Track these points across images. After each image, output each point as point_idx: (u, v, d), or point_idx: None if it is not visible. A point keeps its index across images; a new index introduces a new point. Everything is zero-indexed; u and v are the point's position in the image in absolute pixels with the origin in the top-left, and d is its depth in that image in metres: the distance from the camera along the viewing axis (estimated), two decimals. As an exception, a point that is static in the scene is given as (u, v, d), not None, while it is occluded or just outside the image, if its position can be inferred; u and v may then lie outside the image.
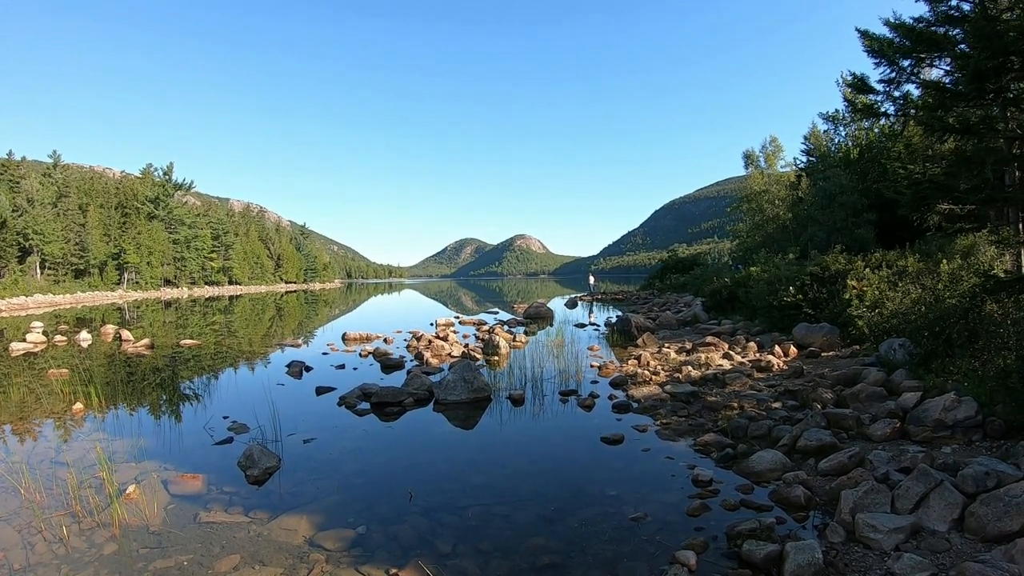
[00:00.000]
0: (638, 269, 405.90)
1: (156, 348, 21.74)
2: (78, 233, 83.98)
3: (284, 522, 6.30)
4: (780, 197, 41.78)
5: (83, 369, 16.16)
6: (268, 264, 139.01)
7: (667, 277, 56.75)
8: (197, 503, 6.93)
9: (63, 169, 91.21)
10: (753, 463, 7.45)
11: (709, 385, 12.18)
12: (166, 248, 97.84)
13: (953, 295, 12.13)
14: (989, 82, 11.29)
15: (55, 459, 8.64)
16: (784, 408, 10.04)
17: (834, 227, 28.37)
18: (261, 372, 16.58)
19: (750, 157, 47.97)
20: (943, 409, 7.81)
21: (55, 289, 75.27)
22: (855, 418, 8.63)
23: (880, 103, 15.19)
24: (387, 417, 10.97)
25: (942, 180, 13.39)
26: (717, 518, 6.15)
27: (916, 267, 16.50)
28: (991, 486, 5.47)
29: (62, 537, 5.99)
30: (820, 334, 15.48)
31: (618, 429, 9.59)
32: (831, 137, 40.74)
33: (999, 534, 4.91)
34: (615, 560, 5.36)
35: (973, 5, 12.63)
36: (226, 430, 10.11)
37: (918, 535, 5.19)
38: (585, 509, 6.52)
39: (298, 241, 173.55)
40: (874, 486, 5.81)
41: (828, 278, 18.04)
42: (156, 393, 13.93)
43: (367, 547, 5.74)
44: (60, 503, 6.88)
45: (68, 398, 12.46)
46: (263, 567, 5.36)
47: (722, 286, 28.04)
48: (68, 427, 10.64)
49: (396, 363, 16.74)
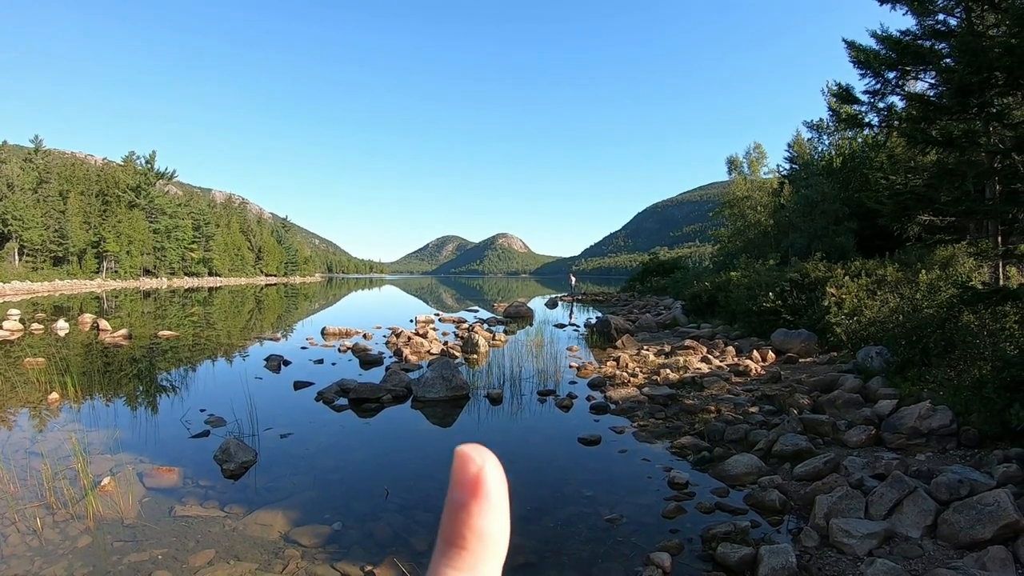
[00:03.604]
0: (619, 271, 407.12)
1: (134, 339, 21.54)
2: (58, 220, 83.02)
3: (260, 517, 6.26)
4: (762, 203, 41.94)
5: (60, 358, 15.98)
6: (249, 256, 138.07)
7: (648, 280, 56.87)
8: (172, 496, 6.87)
9: (44, 155, 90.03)
10: (729, 467, 7.49)
11: (687, 388, 12.23)
12: (146, 237, 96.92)
13: (931, 305, 12.25)
14: (973, 96, 11.42)
15: (30, 449, 8.53)
16: (761, 413, 10.10)
17: (815, 234, 28.54)
18: (239, 365, 16.46)
19: (734, 163, 48.16)
20: (918, 417, 7.90)
21: (33, 276, 74.36)
22: (831, 424, 8.70)
23: (864, 113, 15.33)
24: (365, 413, 10.93)
25: (923, 192, 13.54)
26: (692, 521, 6.17)
27: (895, 276, 16.64)
28: (964, 494, 5.53)
29: (36, 529, 5.91)
30: (798, 340, 15.58)
31: (595, 430, 9.61)
32: (815, 145, 40.96)
33: (971, 541, 4.97)
34: (590, 561, 5.37)
35: (960, 20, 12.77)
36: (203, 423, 10.03)
37: (891, 541, 5.24)
38: (561, 509, 6.53)
39: (279, 234, 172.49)
40: (848, 492, 5.86)
41: (808, 285, 18.17)
42: (133, 384, 13.79)
43: (343, 544, 5.72)
44: (34, 494, 6.79)
45: (44, 387, 12.31)
46: (238, 562, 5.33)
47: (702, 290, 28.14)
48: (43, 417, 10.51)
49: (375, 359, 16.67)
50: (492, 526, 0.44)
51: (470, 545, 0.43)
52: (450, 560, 0.43)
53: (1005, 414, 7.14)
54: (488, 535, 0.44)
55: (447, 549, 0.44)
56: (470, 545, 0.43)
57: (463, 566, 0.43)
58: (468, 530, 0.43)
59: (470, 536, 0.43)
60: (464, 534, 0.43)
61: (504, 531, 0.45)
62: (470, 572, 0.43)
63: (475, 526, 0.43)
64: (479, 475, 0.44)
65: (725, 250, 45.08)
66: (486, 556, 0.43)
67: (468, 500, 0.44)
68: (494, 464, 0.45)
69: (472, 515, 0.43)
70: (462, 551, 0.43)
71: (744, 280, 22.81)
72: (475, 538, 0.43)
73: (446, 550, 0.44)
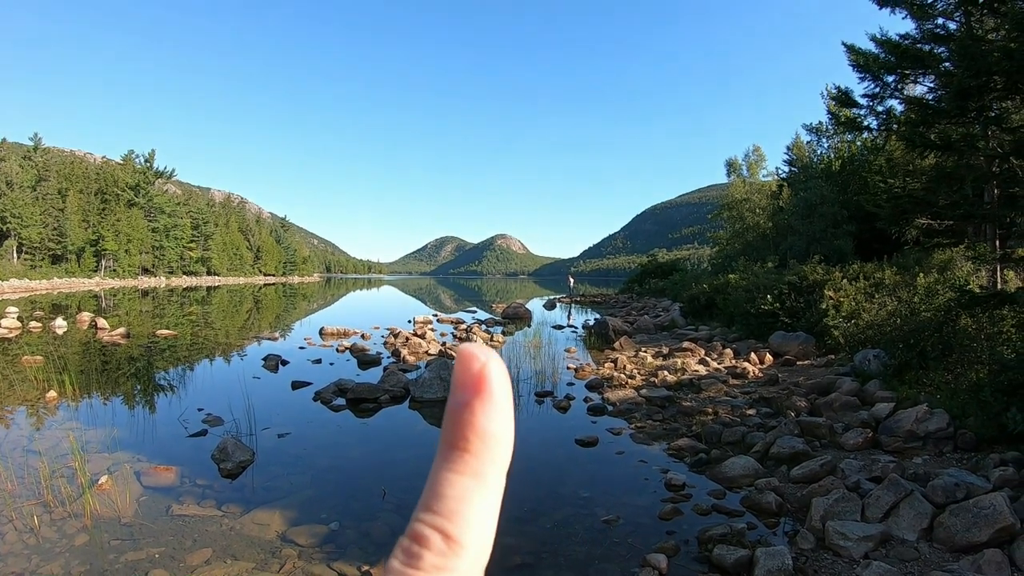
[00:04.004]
0: (618, 272, 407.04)
1: (132, 337, 21.51)
2: (56, 218, 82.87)
3: (257, 516, 6.26)
4: (761, 206, 41.95)
5: (58, 356, 15.96)
6: (247, 256, 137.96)
7: (646, 281, 56.85)
8: (170, 495, 6.87)
9: (43, 152, 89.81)
10: (726, 469, 7.49)
11: (685, 390, 12.24)
12: (145, 236, 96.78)
13: (928, 309, 12.27)
14: (972, 100, 11.44)
15: (27, 447, 8.51)
16: (758, 415, 10.11)
17: (813, 237, 28.55)
18: (237, 365, 16.45)
19: (733, 165, 48.17)
20: (915, 420, 7.91)
21: (31, 274, 74.19)
22: (828, 427, 8.71)
23: (863, 117, 15.35)
24: (362, 413, 10.93)
25: (922, 195, 13.56)
26: (689, 522, 6.18)
27: (893, 280, 16.66)
28: (960, 497, 5.54)
29: (33, 527, 5.91)
30: (796, 343, 15.59)
31: (593, 431, 9.62)
32: (814, 148, 40.99)
33: (968, 544, 4.98)
34: (587, 562, 5.38)
35: (959, 24, 12.79)
36: (200, 422, 10.02)
37: (887, 544, 5.25)
38: (558, 510, 6.53)
39: (278, 234, 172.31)
40: (845, 494, 5.86)
41: (806, 288, 18.18)
42: (131, 383, 13.78)
43: (340, 543, 5.72)
44: (32, 492, 6.78)
45: (42, 386, 12.29)
46: (235, 561, 5.33)
47: (700, 292, 28.14)
48: (41, 415, 10.51)
49: (373, 359, 16.66)
50: (496, 426, 0.42)
51: (473, 447, 0.41)
52: (452, 463, 0.41)
53: (1002, 417, 7.16)
54: (492, 436, 0.41)
55: (449, 453, 0.42)
56: (473, 447, 0.41)
57: (467, 469, 0.41)
58: (471, 431, 0.41)
59: (473, 437, 0.41)
60: (467, 435, 0.41)
61: (509, 433, 0.43)
62: (474, 476, 0.41)
63: (479, 426, 0.41)
64: (482, 373, 0.42)
65: (723, 252, 45.08)
66: (490, 459, 0.41)
67: (471, 399, 0.41)
68: (497, 362, 0.43)
69: (475, 415, 0.41)
70: (465, 453, 0.41)
71: (742, 283, 22.81)
72: (479, 439, 0.41)
73: (448, 454, 0.42)
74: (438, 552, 0.39)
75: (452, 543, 0.39)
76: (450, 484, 0.41)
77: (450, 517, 0.40)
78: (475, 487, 0.41)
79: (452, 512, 0.40)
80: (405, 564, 0.39)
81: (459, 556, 0.39)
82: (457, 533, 0.39)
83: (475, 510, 0.40)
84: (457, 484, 0.41)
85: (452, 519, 0.40)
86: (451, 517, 0.40)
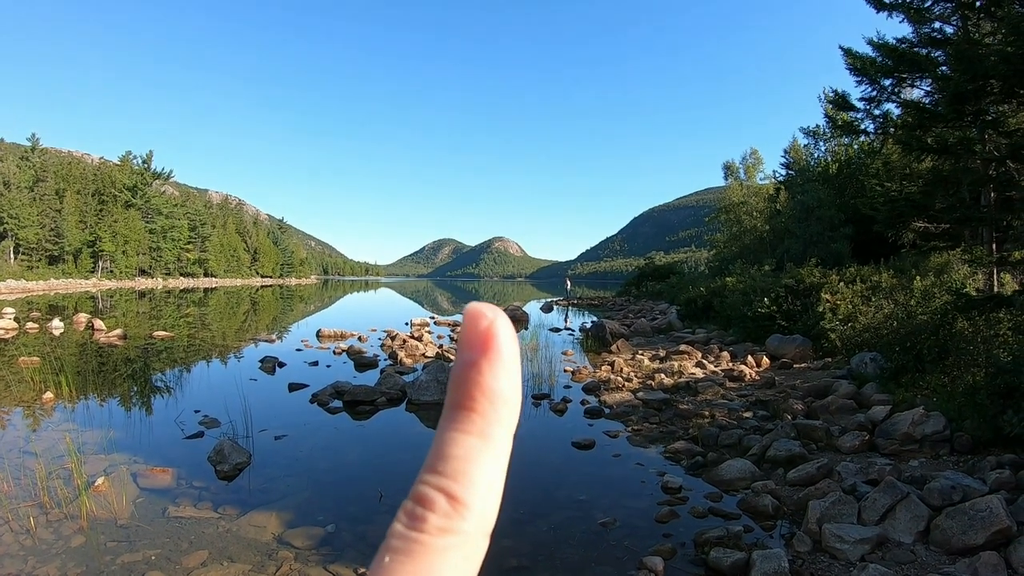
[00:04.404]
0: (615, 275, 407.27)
1: (129, 339, 21.48)
2: (54, 219, 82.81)
3: (253, 519, 6.25)
4: (758, 209, 42.01)
5: (54, 357, 15.93)
6: (244, 257, 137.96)
7: (643, 284, 56.92)
8: (166, 497, 6.85)
9: (41, 153, 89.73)
10: (722, 471, 7.49)
11: (681, 393, 12.24)
12: (142, 237, 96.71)
13: (925, 312, 12.29)
14: (968, 104, 11.47)
15: (24, 448, 8.50)
16: (755, 418, 10.11)
17: (810, 240, 28.61)
18: (234, 366, 16.43)
19: (730, 168, 48.25)
20: (912, 423, 7.92)
21: (28, 275, 74.15)
22: (825, 430, 8.71)
23: (860, 120, 15.39)
24: (359, 416, 10.92)
25: (918, 198, 13.57)
26: (686, 525, 6.18)
27: (890, 283, 16.69)
28: (957, 500, 5.55)
29: (29, 528, 5.89)
30: (793, 346, 15.60)
31: (590, 434, 9.61)
32: (811, 151, 41.10)
33: (964, 547, 4.98)
34: (583, 564, 5.37)
35: (956, 28, 12.82)
36: (197, 424, 10.01)
37: (884, 546, 5.25)
38: (555, 513, 6.53)
39: (275, 235, 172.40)
40: (841, 497, 5.87)
41: (803, 291, 18.19)
42: (127, 384, 13.76)
43: (336, 546, 5.72)
44: (28, 493, 6.76)
45: (38, 387, 12.26)
46: (231, 563, 5.32)
47: (698, 295, 28.17)
48: (38, 416, 10.49)
49: (370, 362, 16.65)
50: (504, 385, 0.40)
51: (480, 407, 0.40)
52: (458, 423, 0.40)
53: (998, 420, 7.17)
54: (500, 395, 0.40)
55: (455, 413, 0.40)
56: (480, 407, 0.40)
57: (473, 429, 0.39)
58: (478, 390, 0.40)
59: (480, 397, 0.40)
60: (474, 394, 0.40)
61: (517, 393, 0.41)
62: (481, 436, 0.39)
63: (485, 385, 0.40)
64: (489, 331, 0.41)
65: (721, 255, 45.17)
66: (497, 419, 0.40)
67: (478, 358, 0.40)
68: (505, 321, 0.42)
69: (482, 373, 0.40)
70: (472, 413, 0.40)
71: (739, 285, 22.85)
72: (486, 399, 0.40)
73: (454, 414, 0.40)
74: (443, 514, 0.37)
75: (457, 504, 0.38)
76: (456, 444, 0.39)
77: (455, 478, 0.38)
78: (482, 447, 0.39)
79: (458, 473, 0.39)
80: (408, 527, 0.38)
81: (464, 518, 0.38)
82: (463, 494, 0.38)
83: (482, 471, 0.39)
84: (463, 444, 0.39)
85: (458, 480, 0.38)
86: (456, 478, 0.38)
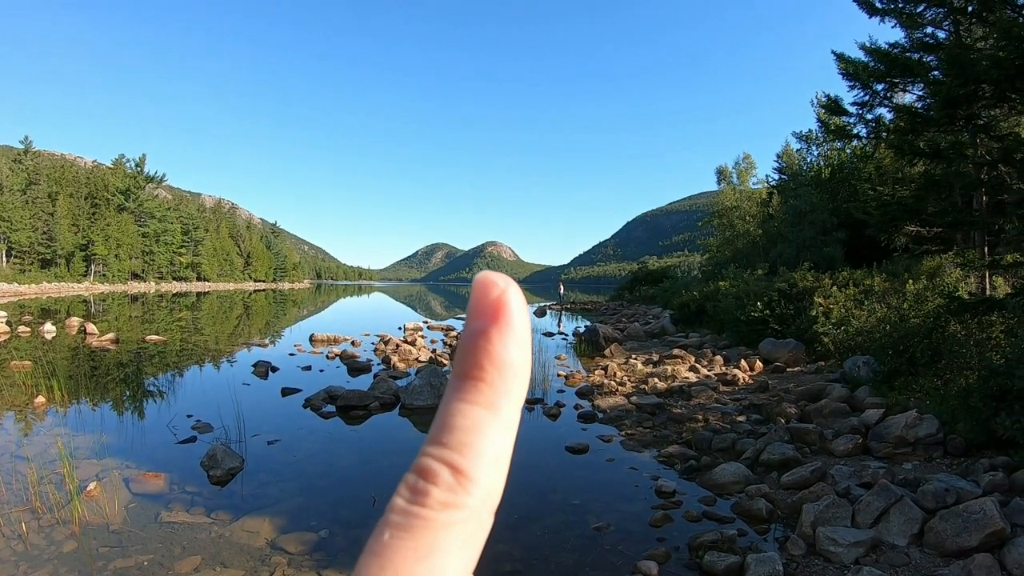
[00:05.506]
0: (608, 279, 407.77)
1: (121, 343, 21.42)
2: (46, 222, 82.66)
3: (246, 524, 6.22)
4: (751, 213, 42.06)
5: (46, 362, 15.82)
6: (237, 261, 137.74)
7: (637, 289, 57.03)
8: (159, 502, 6.82)
9: (34, 156, 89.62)
10: (716, 475, 7.49)
11: (675, 397, 12.24)
12: (135, 241, 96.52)
13: (918, 315, 12.32)
14: (960, 108, 11.52)
15: (15, 453, 8.46)
16: (748, 422, 10.12)
17: (803, 244, 28.66)
18: (227, 371, 16.37)
19: (723, 173, 48.28)
20: (905, 426, 7.93)
21: (20, 279, 73.87)
22: (818, 433, 8.72)
23: (853, 125, 15.43)
24: (352, 420, 10.88)
25: (911, 203, 13.62)
26: (680, 529, 6.17)
27: (882, 286, 16.74)
28: (951, 502, 5.56)
29: (21, 533, 5.86)
30: (786, 349, 15.63)
31: (583, 439, 9.60)
32: (803, 156, 41.21)
33: (958, 549, 4.99)
34: (577, 568, 5.36)
35: (948, 33, 12.88)
36: (190, 429, 9.96)
37: (878, 549, 5.26)
38: (549, 517, 6.51)
39: (269, 239, 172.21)
40: (835, 500, 5.87)
41: (795, 295, 18.24)
42: (120, 389, 13.70)
43: (329, 551, 5.69)
44: (19, 498, 6.72)
45: (30, 391, 12.20)
46: (224, 569, 5.29)
47: (691, 299, 28.22)
48: (29, 420, 10.44)
49: (363, 366, 16.62)
50: (514, 355, 0.38)
51: (489, 376, 0.37)
52: (465, 393, 0.37)
53: (991, 423, 7.18)
54: (510, 365, 0.38)
55: (462, 383, 0.38)
56: (489, 376, 0.37)
57: (481, 399, 0.37)
58: (487, 359, 0.37)
59: (489, 366, 0.37)
60: (483, 363, 0.37)
61: (526, 364, 0.39)
62: (488, 407, 0.37)
63: (495, 354, 0.37)
64: (500, 299, 0.38)
65: (714, 260, 45.19)
66: (506, 390, 0.38)
67: (488, 326, 0.38)
68: (516, 290, 0.40)
69: (492, 342, 0.38)
70: (480, 383, 0.37)
71: (732, 290, 22.88)
72: (495, 368, 0.37)
73: (461, 384, 0.38)
74: (447, 487, 0.35)
75: (462, 478, 0.35)
76: (462, 415, 0.37)
77: (460, 450, 0.36)
78: (489, 419, 0.37)
79: (463, 445, 0.36)
80: (410, 502, 0.35)
81: (469, 492, 0.35)
82: (468, 467, 0.36)
83: (489, 443, 0.37)
84: (470, 415, 0.37)
85: (463, 452, 0.36)
86: (462, 450, 0.36)
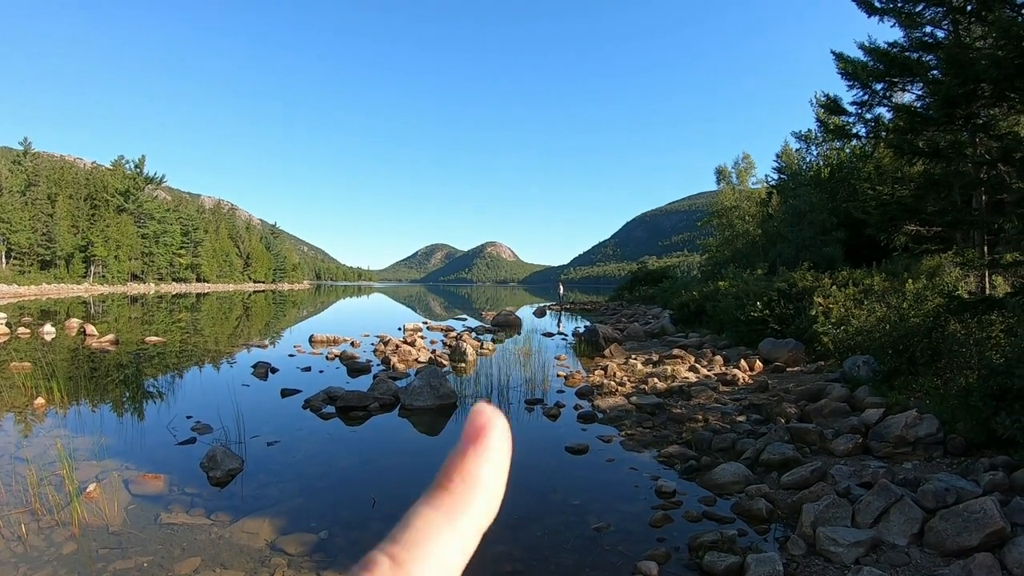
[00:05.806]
0: (608, 280, 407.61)
1: (121, 344, 21.41)
2: (46, 223, 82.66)
3: (246, 525, 6.21)
4: (750, 213, 42.04)
5: (46, 363, 15.80)
6: (237, 262, 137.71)
7: (636, 289, 57.03)
8: (158, 504, 6.81)
9: (33, 157, 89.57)
10: (716, 475, 7.48)
11: (675, 397, 12.24)
12: (134, 242, 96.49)
13: (917, 314, 12.31)
14: (959, 108, 11.52)
15: (15, 454, 8.46)
16: (748, 422, 10.11)
17: (803, 244, 28.66)
18: (226, 372, 16.37)
19: (722, 173, 48.25)
20: (905, 426, 7.93)
21: (20, 280, 73.85)
22: (818, 433, 8.72)
23: (852, 124, 15.41)
24: (352, 421, 10.88)
25: (910, 202, 13.62)
26: (679, 529, 6.16)
27: (882, 286, 16.74)
28: (951, 502, 5.55)
29: (20, 535, 5.85)
30: (786, 349, 15.63)
31: (583, 439, 9.59)
32: (803, 156, 41.20)
33: (958, 549, 4.98)
34: (577, 569, 5.36)
35: (947, 32, 12.88)
36: (189, 430, 9.95)
37: (878, 549, 5.25)
38: (548, 518, 6.51)
39: (268, 240, 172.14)
40: (835, 500, 5.87)
41: (795, 294, 18.24)
42: (119, 390, 13.69)
43: (329, 552, 5.69)
44: (19, 500, 6.72)
45: (30, 392, 12.19)
46: (224, 570, 5.29)
47: (690, 299, 28.22)
48: (29, 422, 10.43)
49: (363, 367, 16.62)
50: (482, 470, 0.42)
51: (454, 487, 0.41)
52: (431, 499, 0.41)
53: (991, 422, 7.18)
54: (475, 478, 0.42)
55: (431, 491, 0.42)
56: (454, 487, 0.41)
57: (442, 505, 0.41)
58: (456, 472, 0.42)
59: (456, 477, 0.41)
60: (451, 474, 0.42)
61: (497, 480, 0.43)
62: (446, 513, 0.40)
63: (464, 469, 0.42)
64: (484, 426, 0.43)
65: (713, 260, 45.17)
66: (469, 500, 0.41)
67: (466, 447, 0.42)
68: (503, 423, 0.44)
69: (465, 459, 0.42)
70: (444, 491, 0.41)
71: (732, 290, 22.87)
72: (461, 480, 0.41)
73: (430, 491, 0.42)
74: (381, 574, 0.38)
75: (401, 572, 0.38)
76: (419, 517, 0.40)
77: (407, 546, 0.39)
78: (444, 524, 0.40)
79: (411, 542, 0.39)
80: None
81: None
82: (409, 563, 0.38)
83: (437, 547, 0.39)
84: (426, 517, 0.40)
85: (408, 548, 0.39)
86: (408, 546, 0.39)
